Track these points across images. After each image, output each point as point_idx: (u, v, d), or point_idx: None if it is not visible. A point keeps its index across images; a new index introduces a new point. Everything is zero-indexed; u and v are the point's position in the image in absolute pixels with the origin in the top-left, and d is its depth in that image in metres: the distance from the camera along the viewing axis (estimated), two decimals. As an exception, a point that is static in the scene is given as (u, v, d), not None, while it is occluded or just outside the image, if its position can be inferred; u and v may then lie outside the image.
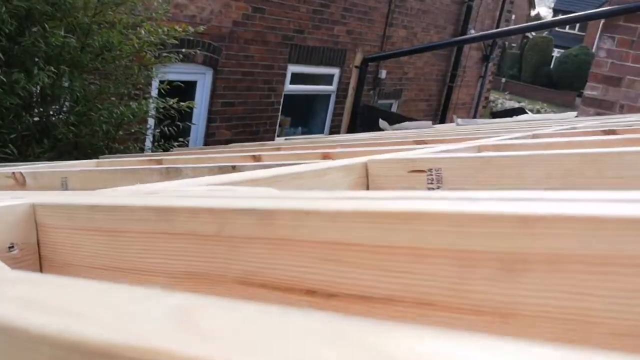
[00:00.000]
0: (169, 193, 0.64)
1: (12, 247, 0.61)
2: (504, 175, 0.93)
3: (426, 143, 1.98)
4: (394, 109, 8.78)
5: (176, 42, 3.76)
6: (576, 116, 4.48)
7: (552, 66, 25.48)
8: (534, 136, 1.78)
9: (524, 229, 0.35)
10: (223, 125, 6.33)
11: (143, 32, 3.56)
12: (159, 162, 1.92)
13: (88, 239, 0.59)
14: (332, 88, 7.57)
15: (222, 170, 1.20)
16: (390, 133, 3.05)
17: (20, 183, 1.59)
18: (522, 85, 24.85)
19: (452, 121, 5.82)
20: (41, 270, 0.63)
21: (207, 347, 0.19)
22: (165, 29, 3.63)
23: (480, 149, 1.39)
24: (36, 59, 3.26)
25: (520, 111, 7.41)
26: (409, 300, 0.41)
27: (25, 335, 0.22)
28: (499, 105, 19.28)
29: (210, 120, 6.20)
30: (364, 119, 7.85)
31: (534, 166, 0.90)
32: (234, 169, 1.19)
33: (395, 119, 6.95)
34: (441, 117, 9.70)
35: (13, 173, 1.60)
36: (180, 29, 3.64)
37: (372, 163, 1.03)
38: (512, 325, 0.37)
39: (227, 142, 6.26)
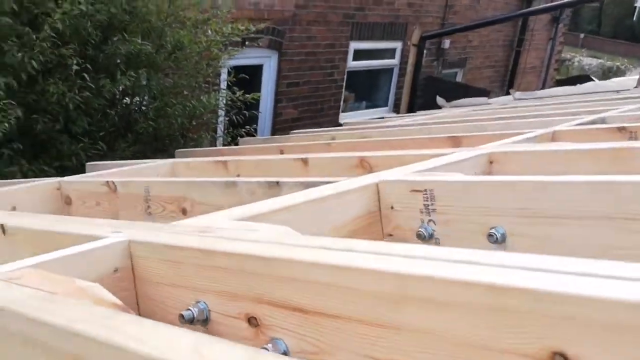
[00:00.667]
0: (214, 231, 0.93)
1: (117, 270, 0.93)
2: (487, 198, 1.16)
3: (460, 141, 2.19)
4: (459, 77, 8.80)
5: (239, 39, 4.07)
6: (636, 86, 4.47)
7: (634, 17, 24.09)
8: (553, 135, 1.96)
9: (398, 282, 0.62)
10: (289, 105, 6.65)
11: (210, 31, 3.88)
12: (225, 165, 2.24)
13: (162, 265, 0.90)
14: (394, 61, 7.70)
15: (270, 185, 1.50)
16: (433, 120, 3.24)
17: (112, 190, 1.95)
18: (602, 40, 23.69)
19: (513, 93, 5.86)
20: (135, 285, 0.94)
21: None
22: (230, 27, 3.94)
23: (490, 157, 1.61)
24: (118, 62, 3.65)
25: (586, 79, 7.29)
26: (346, 317, 0.68)
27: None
28: (576, 64, 18.59)
29: (277, 101, 6.53)
30: (427, 91, 7.95)
31: (506, 193, 1.13)
32: (277, 184, 1.48)
33: (459, 89, 7.04)
34: (509, 83, 9.60)
35: (107, 182, 1.96)
36: (243, 27, 3.94)
37: (382, 184, 1.29)
38: (401, 336, 0.64)
39: (293, 121, 6.58)
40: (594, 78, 7.70)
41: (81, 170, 3.26)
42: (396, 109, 7.75)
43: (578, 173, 1.17)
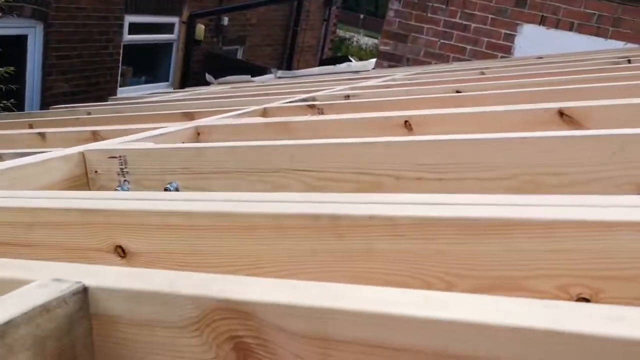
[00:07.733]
0: None
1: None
2: (161, 162, 1.47)
3: (192, 116, 2.51)
4: (239, 54, 9.18)
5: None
6: (374, 68, 5.21)
7: (406, 3, 26.66)
8: (264, 111, 2.37)
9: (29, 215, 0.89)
10: (60, 78, 6.44)
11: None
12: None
13: None
14: (173, 36, 7.81)
15: None
16: (186, 97, 3.54)
17: None
18: (380, 21, 25.88)
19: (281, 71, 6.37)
20: None
21: None
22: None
23: (197, 129, 1.94)
24: None
25: (344, 59, 8.18)
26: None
27: None
28: (355, 43, 20.19)
29: (46, 73, 6.29)
30: (210, 66, 8.21)
31: (175, 156, 1.46)
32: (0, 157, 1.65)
33: (238, 66, 7.41)
34: (287, 61, 10.24)
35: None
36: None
37: (87, 152, 1.54)
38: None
39: (65, 95, 6.41)
40: (352, 59, 8.64)
41: None
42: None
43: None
